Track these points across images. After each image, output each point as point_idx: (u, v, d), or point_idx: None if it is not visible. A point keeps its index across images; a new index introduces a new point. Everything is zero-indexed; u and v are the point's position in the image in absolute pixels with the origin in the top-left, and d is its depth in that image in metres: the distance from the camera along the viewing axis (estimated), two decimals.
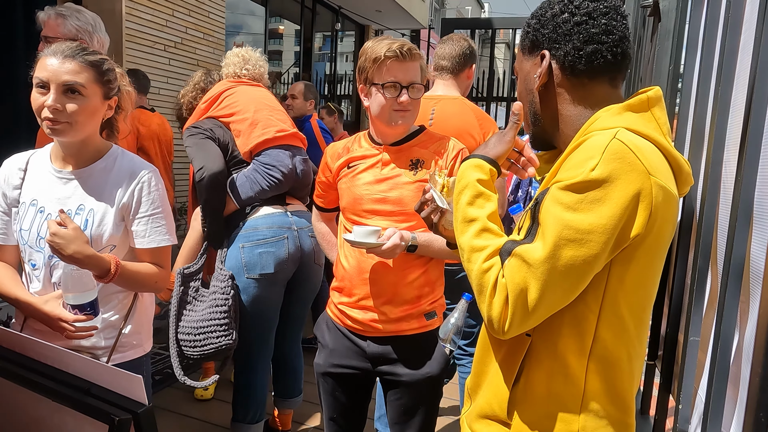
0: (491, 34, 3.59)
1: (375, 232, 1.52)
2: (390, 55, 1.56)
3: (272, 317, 2.45)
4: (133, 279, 1.47)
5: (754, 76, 1.11)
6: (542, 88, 1.04)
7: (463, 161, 1.09)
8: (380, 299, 1.64)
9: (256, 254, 2.30)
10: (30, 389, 0.93)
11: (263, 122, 2.36)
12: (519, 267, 0.90)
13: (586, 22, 0.98)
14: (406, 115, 1.61)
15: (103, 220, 1.46)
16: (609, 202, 0.86)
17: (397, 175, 1.64)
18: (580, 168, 0.88)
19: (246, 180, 2.31)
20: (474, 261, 0.97)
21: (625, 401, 0.99)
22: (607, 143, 0.87)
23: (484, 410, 1.08)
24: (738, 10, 1.31)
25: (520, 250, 0.91)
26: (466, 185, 1.04)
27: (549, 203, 0.90)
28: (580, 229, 0.87)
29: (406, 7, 8.86)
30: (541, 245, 0.89)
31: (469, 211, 1.02)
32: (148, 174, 1.51)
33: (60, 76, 1.37)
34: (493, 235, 0.99)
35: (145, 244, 1.51)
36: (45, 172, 1.50)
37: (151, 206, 1.51)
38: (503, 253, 0.94)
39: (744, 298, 1.18)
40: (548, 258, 0.88)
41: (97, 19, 2.18)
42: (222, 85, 2.47)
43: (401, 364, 1.67)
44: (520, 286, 0.90)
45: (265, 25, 7.12)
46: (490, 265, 0.94)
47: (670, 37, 1.88)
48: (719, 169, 1.38)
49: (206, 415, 2.92)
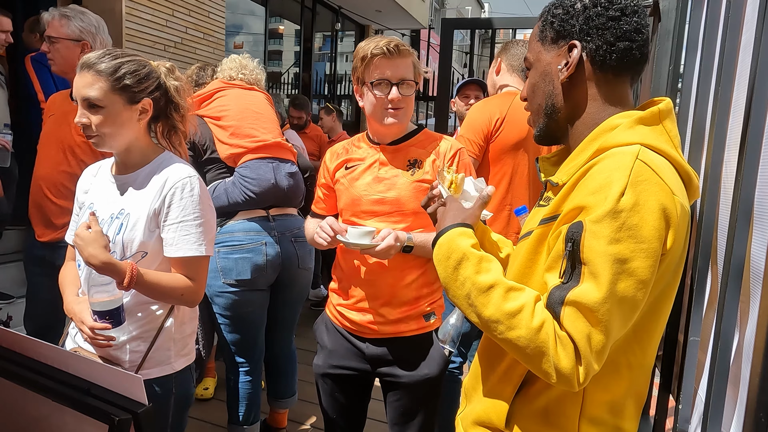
0: (491, 34, 3.58)
1: (369, 233, 1.51)
2: (377, 52, 1.55)
3: (256, 320, 2.42)
4: (154, 289, 1.39)
5: (754, 76, 1.11)
6: (567, 81, 1.00)
7: (440, 235, 1.04)
8: (379, 301, 1.64)
9: (232, 260, 2.26)
10: (30, 389, 0.93)
11: (245, 131, 2.31)
12: (578, 314, 0.86)
13: (620, 18, 0.96)
14: (399, 113, 1.60)
15: (135, 225, 1.42)
16: (646, 226, 0.85)
17: (395, 176, 1.63)
18: (605, 192, 0.86)
19: (223, 192, 2.26)
20: (518, 326, 0.89)
21: (623, 407, 0.99)
22: (632, 166, 0.86)
23: (481, 418, 1.08)
24: (738, 10, 1.31)
25: (574, 296, 0.86)
26: (462, 257, 0.99)
27: (590, 240, 0.86)
28: (629, 259, 0.85)
29: (406, 7, 8.86)
30: (594, 286, 0.85)
31: (481, 279, 0.95)
32: (183, 179, 1.43)
33: (80, 91, 1.38)
34: (520, 292, 0.93)
35: (172, 253, 1.42)
36: (105, 178, 1.54)
37: (181, 213, 1.42)
38: (554, 304, 0.89)
39: (744, 298, 1.18)
40: (606, 297, 0.85)
41: (100, 21, 2.19)
42: (215, 85, 2.44)
43: (400, 366, 1.67)
44: (585, 333, 0.86)
45: (265, 25, 7.12)
46: (540, 322, 0.88)
47: (670, 37, 1.88)
48: (719, 169, 1.38)
49: (206, 415, 2.92)
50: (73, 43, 2.10)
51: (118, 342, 1.42)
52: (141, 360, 1.44)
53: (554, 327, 0.88)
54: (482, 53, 20.50)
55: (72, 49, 2.10)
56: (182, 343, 1.53)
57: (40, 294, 2.20)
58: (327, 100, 9.01)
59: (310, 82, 8.73)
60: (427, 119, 11.72)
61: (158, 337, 1.46)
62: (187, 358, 1.55)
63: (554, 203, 0.98)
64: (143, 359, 1.44)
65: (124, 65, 1.41)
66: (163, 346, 1.48)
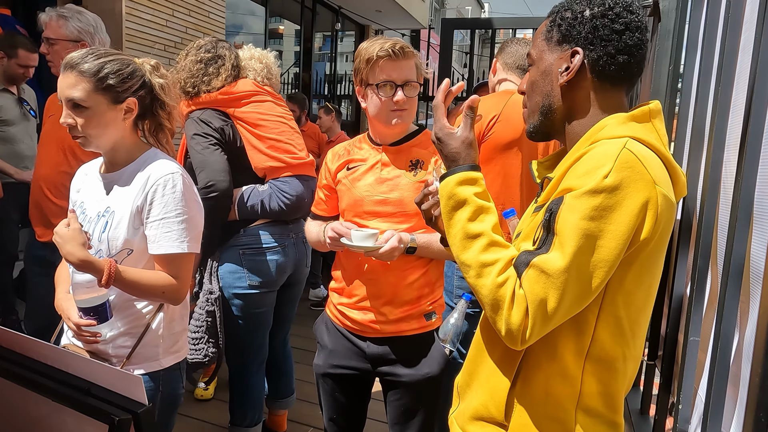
0: (491, 34, 3.58)
1: (372, 236, 1.50)
2: (382, 54, 1.55)
3: (268, 321, 2.45)
4: (134, 286, 1.39)
5: (754, 76, 1.11)
6: (565, 84, 1.03)
7: (444, 177, 1.07)
8: (380, 300, 1.64)
9: (259, 261, 2.29)
10: (30, 389, 0.93)
11: (284, 147, 2.33)
12: (538, 278, 0.90)
13: (624, 33, 0.99)
14: (403, 114, 1.61)
15: (120, 223, 1.43)
16: (621, 209, 0.88)
17: (397, 176, 1.63)
18: (592, 175, 0.89)
19: (258, 202, 2.27)
20: (486, 275, 0.95)
21: (617, 401, 1.01)
22: (619, 152, 0.90)
23: (479, 412, 1.08)
24: (738, 10, 1.31)
25: (539, 261, 0.91)
26: (464, 201, 1.02)
27: (566, 213, 0.91)
28: (597, 237, 0.89)
29: (406, 7, 8.86)
30: (559, 255, 0.90)
31: (471, 226, 1.00)
32: (165, 176, 1.42)
33: (64, 92, 1.38)
34: (501, 248, 0.98)
35: (154, 250, 1.42)
36: (94, 177, 1.54)
37: (163, 210, 1.41)
38: (519, 264, 0.94)
39: (744, 298, 1.18)
40: (568, 267, 0.89)
41: (98, 20, 2.19)
42: (249, 87, 2.35)
43: (401, 365, 1.67)
44: (540, 297, 0.90)
45: (265, 25, 7.12)
46: (504, 278, 0.94)
47: (670, 37, 1.88)
48: (719, 169, 1.38)
49: (206, 415, 2.92)
50: (72, 44, 2.10)
51: (105, 338, 1.43)
52: (128, 355, 1.45)
53: (514, 285, 0.93)
54: (482, 53, 20.50)
55: (71, 49, 2.08)
56: (171, 340, 1.52)
57: (40, 294, 2.19)
58: (327, 100, 9.00)
59: (310, 82, 8.74)
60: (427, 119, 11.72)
61: (146, 333, 1.46)
62: (176, 355, 1.54)
63: (545, 193, 1.02)
64: (129, 354, 1.45)
65: (107, 65, 1.39)
66: (151, 343, 1.47)
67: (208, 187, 2.14)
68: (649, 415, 1.77)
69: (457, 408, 1.18)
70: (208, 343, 2.24)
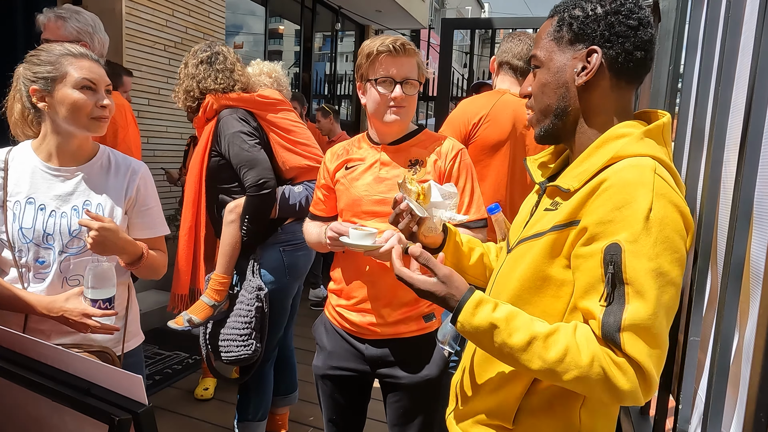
0: (491, 34, 3.58)
1: (371, 235, 1.50)
2: (383, 49, 1.55)
3: (287, 313, 2.55)
4: (153, 265, 1.59)
5: (754, 76, 1.11)
6: (582, 85, 1.00)
7: (455, 319, 0.99)
8: (379, 302, 1.63)
9: (296, 256, 2.40)
10: (30, 389, 0.93)
11: (314, 151, 2.45)
12: (636, 337, 0.88)
13: (638, 28, 0.97)
14: (401, 111, 1.60)
15: (112, 214, 1.53)
16: (675, 236, 0.89)
17: (396, 176, 1.63)
18: (632, 208, 0.89)
19: (297, 199, 2.35)
20: (569, 368, 0.90)
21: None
22: (653, 180, 0.90)
23: (486, 417, 1.09)
24: (738, 10, 1.31)
25: (627, 321, 0.88)
26: (490, 327, 0.95)
27: (632, 261, 0.88)
28: (667, 272, 0.89)
29: (406, 7, 8.86)
30: (642, 304, 0.88)
31: (516, 339, 0.93)
32: (144, 168, 1.63)
33: (105, 78, 1.51)
34: (557, 334, 0.93)
35: (151, 234, 1.61)
36: (35, 170, 1.48)
37: (152, 198, 1.62)
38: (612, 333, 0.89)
39: (744, 298, 1.18)
40: (656, 312, 0.88)
41: (96, 19, 2.18)
42: (277, 95, 2.44)
43: (400, 367, 1.67)
44: (647, 353, 0.88)
45: (265, 25, 7.12)
46: (590, 357, 0.89)
47: (670, 37, 1.87)
48: (719, 169, 1.38)
49: (206, 415, 2.92)
50: None
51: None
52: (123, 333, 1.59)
53: (608, 356, 0.89)
54: (482, 53, 20.50)
55: None
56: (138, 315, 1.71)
57: None
58: (327, 100, 9.01)
59: (310, 82, 8.73)
60: (427, 119, 11.71)
61: (128, 312, 1.63)
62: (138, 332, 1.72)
63: (569, 210, 0.97)
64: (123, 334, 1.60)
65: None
66: (133, 319, 1.67)
67: (260, 184, 2.19)
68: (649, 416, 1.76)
69: (455, 409, 1.18)
70: (255, 338, 2.27)
